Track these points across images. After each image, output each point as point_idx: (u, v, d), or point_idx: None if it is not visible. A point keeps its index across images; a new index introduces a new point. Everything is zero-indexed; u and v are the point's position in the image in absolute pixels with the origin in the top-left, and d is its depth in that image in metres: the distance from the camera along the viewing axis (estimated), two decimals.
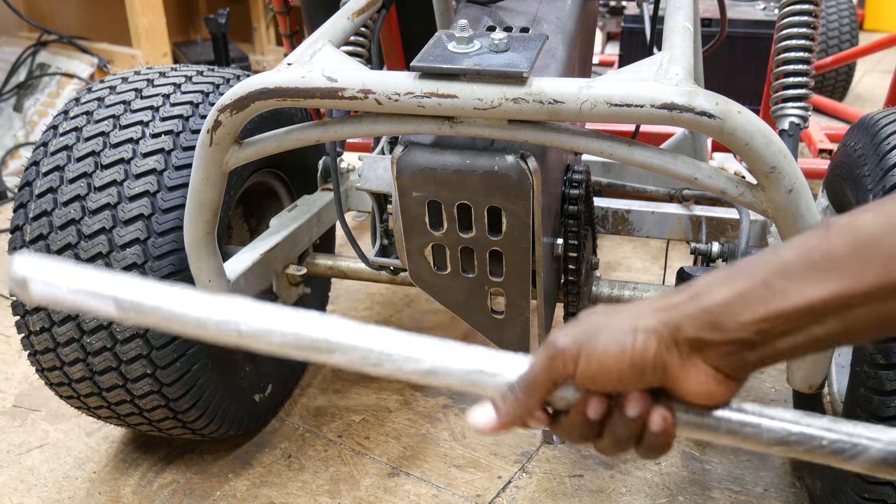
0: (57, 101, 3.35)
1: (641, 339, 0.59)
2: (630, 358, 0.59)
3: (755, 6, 3.16)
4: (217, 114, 1.15)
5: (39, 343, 1.45)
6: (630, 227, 1.74)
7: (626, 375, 0.60)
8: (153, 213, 1.38)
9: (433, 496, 1.60)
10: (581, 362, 0.61)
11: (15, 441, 1.77)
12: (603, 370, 0.60)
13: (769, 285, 0.56)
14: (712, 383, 0.60)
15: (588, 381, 0.62)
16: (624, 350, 0.59)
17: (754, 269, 0.58)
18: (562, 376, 0.62)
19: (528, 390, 0.63)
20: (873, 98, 4.17)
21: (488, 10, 1.41)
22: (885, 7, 5.68)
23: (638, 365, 0.60)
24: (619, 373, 0.60)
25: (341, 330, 0.67)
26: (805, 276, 0.55)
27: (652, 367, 0.60)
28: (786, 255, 0.57)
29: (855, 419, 1.22)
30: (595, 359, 0.60)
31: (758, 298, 0.57)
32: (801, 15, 1.51)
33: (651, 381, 0.61)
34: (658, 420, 0.62)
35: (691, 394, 0.61)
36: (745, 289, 0.57)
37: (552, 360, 0.62)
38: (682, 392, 0.61)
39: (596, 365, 0.60)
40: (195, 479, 1.66)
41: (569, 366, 0.61)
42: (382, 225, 1.56)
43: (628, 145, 1.07)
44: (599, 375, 0.60)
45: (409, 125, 1.11)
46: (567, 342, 0.62)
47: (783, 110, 1.50)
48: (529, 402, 0.63)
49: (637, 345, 0.59)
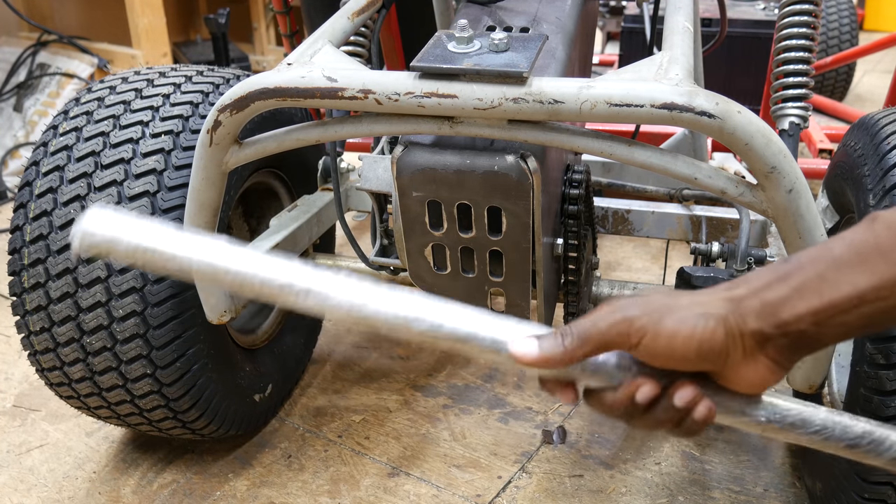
0: (57, 101, 3.35)
1: (712, 325, 0.62)
2: (699, 341, 0.62)
3: (755, 6, 3.16)
4: (217, 114, 1.15)
5: (39, 343, 1.45)
6: (630, 227, 1.74)
7: (690, 357, 0.62)
8: (153, 214, 1.38)
9: (433, 496, 1.60)
10: (647, 338, 0.63)
11: (15, 441, 1.77)
12: (668, 349, 0.62)
13: (823, 278, 0.60)
14: (768, 373, 0.64)
15: (648, 356, 0.64)
16: (694, 333, 0.62)
17: (807, 263, 0.62)
18: (619, 344, 0.64)
19: (582, 340, 0.64)
20: (873, 98, 4.17)
21: (488, 10, 1.41)
22: (885, 7, 5.68)
23: (705, 350, 0.62)
24: (683, 354, 0.62)
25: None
26: (855, 267, 0.60)
27: (717, 354, 0.62)
28: (836, 249, 0.61)
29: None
30: (664, 336, 0.62)
31: (813, 291, 0.60)
32: (801, 15, 1.51)
33: (710, 367, 0.63)
34: (703, 410, 0.65)
35: (747, 382, 0.64)
36: (801, 283, 0.61)
37: (618, 324, 0.63)
38: (738, 380, 0.64)
39: (663, 342, 0.62)
40: (195, 479, 1.66)
41: (633, 336, 0.63)
42: (382, 225, 1.56)
43: (628, 145, 1.07)
44: (663, 353, 0.62)
45: (409, 125, 1.11)
46: (637, 314, 0.63)
47: (783, 110, 1.50)
48: (577, 351, 0.64)
49: (707, 330, 0.62)
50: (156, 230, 0.70)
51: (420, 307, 0.70)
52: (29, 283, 1.41)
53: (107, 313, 1.38)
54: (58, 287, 1.39)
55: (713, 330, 0.62)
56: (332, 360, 2.05)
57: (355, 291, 0.69)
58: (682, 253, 2.41)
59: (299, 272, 0.69)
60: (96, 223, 0.69)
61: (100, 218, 0.69)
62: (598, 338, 0.64)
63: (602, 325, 0.64)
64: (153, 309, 1.38)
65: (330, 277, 0.69)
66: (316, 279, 0.69)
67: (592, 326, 0.64)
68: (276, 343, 1.82)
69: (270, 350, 1.80)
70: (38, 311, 1.42)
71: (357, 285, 0.69)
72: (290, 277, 0.69)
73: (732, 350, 0.63)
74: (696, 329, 0.62)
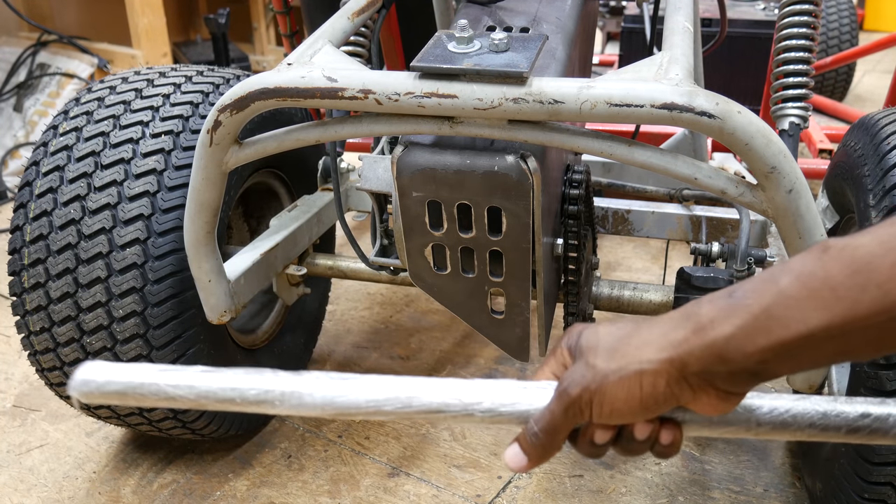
0: (57, 101, 3.35)
1: (649, 381, 0.62)
2: (640, 400, 0.63)
3: (755, 6, 3.16)
4: (217, 114, 1.15)
5: (39, 343, 1.45)
6: (630, 227, 1.74)
7: (637, 413, 0.64)
8: (153, 213, 1.38)
9: (433, 496, 1.60)
10: (594, 408, 0.65)
11: (15, 441, 1.77)
12: (615, 413, 0.64)
13: (770, 315, 0.58)
14: (720, 402, 0.64)
15: (604, 421, 0.66)
16: (632, 394, 0.63)
17: (753, 298, 0.59)
18: (580, 419, 0.66)
19: (550, 436, 0.67)
20: (873, 98, 4.17)
21: (488, 10, 1.41)
22: (885, 7, 5.68)
23: (649, 404, 0.63)
24: (631, 414, 0.64)
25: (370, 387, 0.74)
26: (804, 304, 0.57)
27: (663, 403, 0.63)
28: (784, 283, 0.58)
29: None
30: (606, 404, 0.64)
31: (760, 330, 0.58)
32: (801, 15, 1.51)
33: (663, 412, 0.65)
34: (667, 436, 0.67)
35: (704, 411, 0.65)
36: (747, 321, 0.59)
37: (568, 408, 0.66)
38: (696, 409, 0.65)
39: (608, 409, 0.64)
40: (195, 479, 1.66)
41: (584, 412, 0.65)
42: (382, 225, 1.56)
43: (628, 145, 1.07)
44: (613, 417, 0.65)
45: (409, 125, 1.11)
46: (578, 391, 0.65)
47: (783, 110, 1.50)
48: (553, 444, 0.68)
49: (645, 387, 0.63)
50: (140, 371, 0.75)
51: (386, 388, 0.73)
52: (29, 283, 1.41)
53: (107, 313, 1.38)
54: (58, 287, 1.39)
55: (652, 384, 0.62)
56: (332, 360, 2.05)
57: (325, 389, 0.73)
58: (682, 253, 2.41)
59: (271, 382, 0.75)
60: (89, 373, 0.75)
61: (92, 369, 0.75)
62: (560, 426, 0.67)
63: (557, 415, 0.67)
64: (153, 309, 1.38)
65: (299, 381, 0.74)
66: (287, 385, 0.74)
67: (551, 419, 0.67)
68: (276, 343, 1.82)
69: (270, 350, 1.80)
70: (38, 311, 1.42)
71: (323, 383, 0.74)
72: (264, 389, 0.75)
73: (679, 393, 0.63)
74: (633, 390, 0.63)
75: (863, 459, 1.21)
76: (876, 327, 0.55)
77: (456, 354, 2.06)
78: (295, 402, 0.74)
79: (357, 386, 0.73)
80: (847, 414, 0.66)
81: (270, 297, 1.81)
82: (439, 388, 0.72)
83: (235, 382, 0.75)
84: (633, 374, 0.63)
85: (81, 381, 0.75)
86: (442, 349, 2.08)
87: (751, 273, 1.38)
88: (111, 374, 0.75)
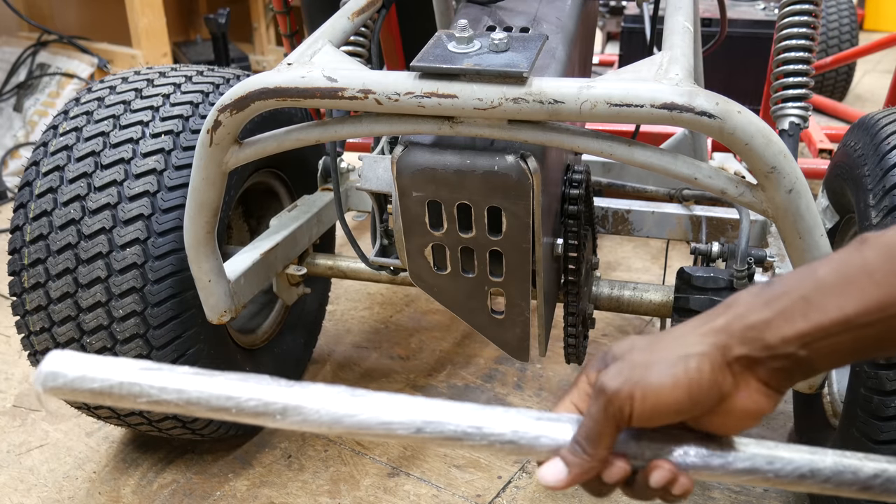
0: (57, 101, 3.35)
1: (694, 364, 0.60)
2: (687, 386, 0.59)
3: (755, 6, 3.16)
4: (217, 114, 1.15)
5: (39, 343, 1.45)
6: (630, 227, 1.74)
7: (684, 406, 0.60)
8: (153, 213, 1.38)
9: (433, 496, 1.60)
10: (636, 404, 0.60)
11: (15, 441, 1.77)
12: (661, 405, 0.60)
13: (808, 301, 0.58)
14: (762, 398, 0.62)
15: (646, 420, 0.61)
16: (678, 380, 0.59)
17: (792, 286, 0.60)
18: (622, 419, 0.61)
19: (595, 441, 0.62)
20: (873, 98, 4.17)
21: (488, 10, 1.41)
22: (885, 7, 5.68)
23: (695, 392, 0.60)
24: (676, 405, 0.60)
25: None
26: (842, 290, 0.57)
27: (707, 391, 0.60)
28: (821, 271, 0.59)
29: (855, 419, 1.22)
30: (651, 395, 0.60)
31: (798, 314, 0.58)
32: (801, 15, 1.50)
33: (707, 405, 0.61)
34: (681, 486, 0.64)
35: (743, 411, 0.62)
36: (786, 306, 0.59)
37: (608, 405, 0.61)
38: (734, 410, 0.62)
39: (652, 401, 0.60)
40: (195, 479, 1.66)
41: (625, 407, 0.61)
42: (382, 225, 1.56)
43: (628, 145, 1.06)
44: (657, 411, 0.60)
45: (409, 125, 1.11)
46: (618, 384, 0.61)
47: (783, 110, 1.49)
48: (599, 453, 0.62)
49: (691, 372, 0.59)
50: (121, 368, 0.67)
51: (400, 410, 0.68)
52: (29, 283, 1.41)
53: (107, 313, 1.38)
54: (58, 287, 1.39)
55: (697, 369, 0.60)
56: (332, 360, 2.05)
57: (333, 406, 0.67)
58: (682, 253, 2.41)
59: (273, 393, 0.67)
60: (59, 365, 0.67)
61: (63, 360, 0.67)
62: (604, 428, 0.62)
63: (597, 416, 0.62)
64: (153, 309, 1.38)
65: (304, 394, 0.67)
66: (290, 398, 0.67)
67: (591, 422, 0.63)
68: (276, 343, 1.82)
69: (270, 350, 1.80)
70: (38, 312, 1.42)
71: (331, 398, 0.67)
72: (264, 401, 0.67)
73: (722, 380, 0.60)
74: (678, 375, 0.60)
75: None
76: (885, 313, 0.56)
77: (456, 354, 2.05)
78: (298, 419, 0.67)
79: (368, 405, 0.67)
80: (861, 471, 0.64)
81: (270, 297, 1.81)
82: (458, 414, 0.67)
83: (231, 390, 0.67)
84: (677, 360, 0.60)
85: (49, 373, 0.66)
86: (442, 349, 2.08)
87: (751, 273, 1.37)
88: (85, 368, 0.66)
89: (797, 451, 0.66)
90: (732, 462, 0.65)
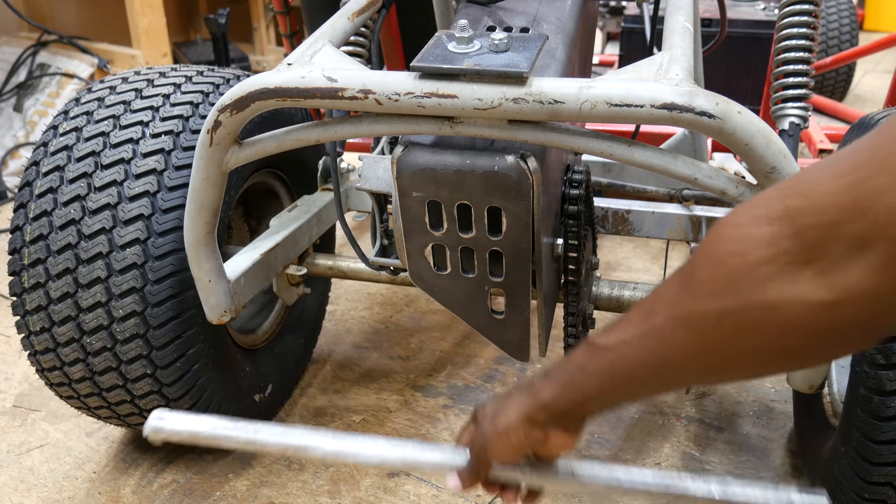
0: (57, 101, 3.35)
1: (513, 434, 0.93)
2: (512, 447, 0.94)
3: (755, 6, 3.16)
4: (217, 114, 1.15)
5: (39, 343, 1.45)
6: (630, 227, 1.74)
7: (515, 456, 0.95)
8: (153, 214, 1.38)
9: (433, 496, 1.60)
10: (489, 455, 0.96)
11: (15, 441, 1.77)
12: (501, 457, 0.96)
13: (565, 386, 0.89)
14: (567, 437, 0.93)
15: (499, 460, 0.96)
16: (506, 445, 0.94)
17: (560, 377, 0.90)
18: (485, 462, 0.96)
19: (474, 473, 0.98)
20: (873, 98, 4.17)
21: (488, 10, 1.41)
22: (885, 7, 5.68)
23: (518, 447, 0.94)
24: (511, 456, 0.95)
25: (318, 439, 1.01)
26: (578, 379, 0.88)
27: (527, 444, 0.93)
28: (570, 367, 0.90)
29: (855, 419, 1.22)
30: (494, 451, 0.95)
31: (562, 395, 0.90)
32: (801, 15, 1.50)
33: (532, 448, 0.94)
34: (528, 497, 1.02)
35: (556, 446, 0.93)
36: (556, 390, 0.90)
37: (475, 456, 0.97)
38: (550, 448, 0.93)
39: (496, 455, 0.96)
40: (195, 479, 1.66)
41: (483, 457, 0.96)
42: (382, 225, 1.56)
43: (628, 145, 1.07)
44: (501, 459, 0.96)
45: (409, 125, 1.11)
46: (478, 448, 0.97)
47: (783, 110, 1.49)
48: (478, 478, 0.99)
49: (512, 439, 0.93)
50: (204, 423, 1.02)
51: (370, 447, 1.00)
52: (29, 283, 1.41)
53: (107, 313, 1.38)
54: (58, 287, 1.39)
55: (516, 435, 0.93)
56: (332, 360, 2.05)
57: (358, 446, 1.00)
58: (682, 253, 2.41)
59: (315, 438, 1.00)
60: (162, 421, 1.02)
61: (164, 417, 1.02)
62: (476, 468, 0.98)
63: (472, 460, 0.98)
64: (153, 309, 1.38)
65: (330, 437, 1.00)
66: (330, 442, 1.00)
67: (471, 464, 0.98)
68: (276, 343, 1.82)
69: (270, 350, 1.80)
70: (38, 312, 1.42)
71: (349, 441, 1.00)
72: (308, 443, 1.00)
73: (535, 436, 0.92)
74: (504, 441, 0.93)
75: (863, 459, 1.21)
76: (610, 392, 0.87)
77: (456, 354, 2.06)
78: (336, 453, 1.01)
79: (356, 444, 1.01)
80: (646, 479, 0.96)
81: (270, 297, 1.81)
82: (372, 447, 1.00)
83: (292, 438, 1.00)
84: (504, 432, 0.93)
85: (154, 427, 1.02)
86: (442, 349, 2.08)
87: None
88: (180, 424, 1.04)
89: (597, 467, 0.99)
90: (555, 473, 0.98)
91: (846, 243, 0.63)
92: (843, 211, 0.62)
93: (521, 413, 0.93)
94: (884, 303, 0.63)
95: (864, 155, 0.63)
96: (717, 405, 1.85)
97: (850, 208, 0.62)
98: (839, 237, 0.63)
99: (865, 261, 0.62)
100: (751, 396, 1.88)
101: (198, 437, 1.05)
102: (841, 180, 0.63)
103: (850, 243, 0.62)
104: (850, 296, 0.63)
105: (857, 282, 0.63)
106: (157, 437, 1.04)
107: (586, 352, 0.88)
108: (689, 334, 0.74)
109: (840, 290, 0.64)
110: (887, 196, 0.59)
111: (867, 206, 0.61)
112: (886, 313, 0.64)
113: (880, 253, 0.61)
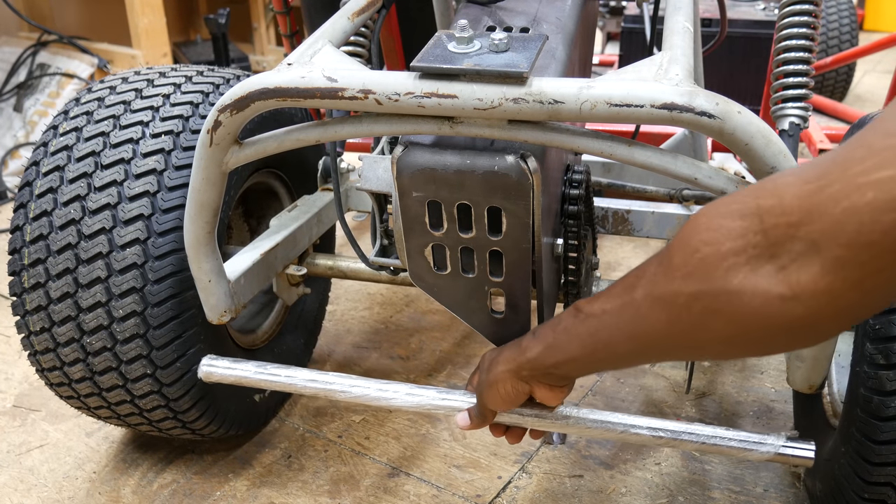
0: (57, 101, 3.35)
1: (502, 385, 1.06)
2: (502, 397, 1.07)
3: (755, 6, 3.16)
4: (217, 114, 1.15)
5: (39, 343, 1.45)
6: (630, 227, 1.74)
7: (505, 404, 1.09)
8: (153, 214, 1.38)
9: (433, 496, 1.60)
10: (487, 402, 1.10)
11: (15, 441, 1.77)
12: (496, 404, 1.10)
13: (551, 346, 0.98)
14: (551, 393, 1.04)
15: (498, 408, 1.12)
16: (496, 394, 1.07)
17: (546, 336, 0.99)
18: (490, 409, 1.12)
19: (481, 416, 1.14)
20: (873, 98, 4.17)
21: (488, 10, 1.41)
22: (885, 7, 5.68)
23: (507, 398, 1.07)
24: (503, 404, 1.09)
25: None
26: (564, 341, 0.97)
27: (514, 396, 1.06)
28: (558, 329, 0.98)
29: (855, 419, 1.22)
30: (489, 400, 1.10)
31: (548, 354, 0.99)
32: (801, 15, 1.50)
33: (521, 401, 1.08)
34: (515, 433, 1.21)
35: (542, 397, 1.05)
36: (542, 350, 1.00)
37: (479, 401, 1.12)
38: (539, 397, 1.05)
39: (491, 403, 1.10)
40: (195, 479, 1.66)
41: (488, 404, 1.10)
42: (382, 225, 1.56)
43: (628, 145, 1.07)
44: (497, 405, 1.11)
45: (409, 125, 1.11)
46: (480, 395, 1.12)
47: (783, 110, 1.49)
48: (485, 420, 1.15)
49: (500, 389, 1.06)
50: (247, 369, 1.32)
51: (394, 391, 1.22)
52: (29, 283, 1.41)
53: (107, 313, 1.38)
54: (58, 287, 1.39)
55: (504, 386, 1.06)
56: (332, 360, 2.05)
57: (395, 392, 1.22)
58: None
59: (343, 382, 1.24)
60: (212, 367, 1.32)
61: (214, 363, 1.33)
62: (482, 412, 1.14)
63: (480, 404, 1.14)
64: (153, 309, 1.38)
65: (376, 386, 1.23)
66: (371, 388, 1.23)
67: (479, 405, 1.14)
68: (276, 343, 1.82)
69: (270, 350, 1.80)
70: (38, 311, 1.42)
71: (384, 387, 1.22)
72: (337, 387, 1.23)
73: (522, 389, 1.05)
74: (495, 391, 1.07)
75: (863, 459, 1.21)
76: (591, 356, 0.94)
77: (456, 354, 2.06)
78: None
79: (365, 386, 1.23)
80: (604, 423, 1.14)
81: (270, 298, 1.81)
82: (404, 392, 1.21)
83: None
84: (493, 382, 1.06)
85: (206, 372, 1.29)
86: (442, 349, 2.08)
87: None
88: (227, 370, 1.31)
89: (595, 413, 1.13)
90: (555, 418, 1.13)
91: (804, 244, 0.68)
92: (804, 214, 0.68)
93: (508, 367, 1.04)
94: (835, 302, 0.69)
95: (829, 164, 0.68)
96: (717, 405, 1.85)
97: (810, 212, 0.68)
98: (798, 238, 0.69)
99: (818, 262, 0.68)
100: (751, 396, 1.88)
101: (243, 381, 1.27)
102: (807, 186, 0.69)
103: (807, 244, 0.68)
104: (803, 292, 0.69)
105: (810, 280, 0.68)
106: (209, 380, 1.28)
107: (572, 316, 0.95)
108: (663, 312, 0.81)
109: (795, 286, 0.69)
110: (841, 203, 0.65)
111: (823, 211, 0.67)
112: (837, 312, 0.70)
113: (830, 255, 0.67)
